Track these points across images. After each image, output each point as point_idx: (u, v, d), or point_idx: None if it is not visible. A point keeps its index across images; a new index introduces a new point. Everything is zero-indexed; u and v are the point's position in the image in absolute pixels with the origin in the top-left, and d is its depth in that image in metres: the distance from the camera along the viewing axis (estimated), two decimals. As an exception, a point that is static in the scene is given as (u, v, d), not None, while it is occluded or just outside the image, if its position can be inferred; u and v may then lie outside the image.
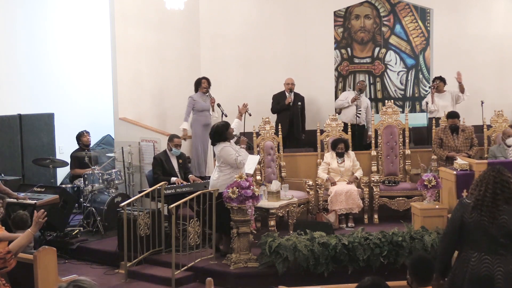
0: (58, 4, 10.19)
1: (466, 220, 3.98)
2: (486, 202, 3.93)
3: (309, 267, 6.06)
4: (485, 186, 3.97)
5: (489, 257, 3.90)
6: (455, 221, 4.05)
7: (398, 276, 5.55)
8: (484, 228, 3.92)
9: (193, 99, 8.72)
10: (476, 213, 3.95)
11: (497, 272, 3.86)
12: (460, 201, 4.16)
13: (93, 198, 7.96)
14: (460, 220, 4.00)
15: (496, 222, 3.90)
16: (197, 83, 8.88)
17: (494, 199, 3.92)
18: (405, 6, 11.14)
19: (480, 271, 3.89)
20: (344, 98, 9.70)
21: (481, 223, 3.92)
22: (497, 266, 3.88)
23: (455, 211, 4.10)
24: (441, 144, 8.13)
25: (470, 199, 4.04)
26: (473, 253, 3.94)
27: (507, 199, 3.94)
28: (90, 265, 7.09)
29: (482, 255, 3.91)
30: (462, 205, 4.06)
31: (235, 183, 6.18)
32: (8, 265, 4.23)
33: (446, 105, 9.11)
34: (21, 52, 9.65)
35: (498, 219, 3.90)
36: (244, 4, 10.20)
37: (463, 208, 4.03)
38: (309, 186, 7.88)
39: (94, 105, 10.27)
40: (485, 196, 3.94)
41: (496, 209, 3.91)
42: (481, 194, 3.96)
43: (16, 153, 8.96)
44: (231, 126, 6.81)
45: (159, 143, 8.45)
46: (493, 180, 3.97)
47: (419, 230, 6.38)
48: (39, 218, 4.40)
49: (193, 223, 6.46)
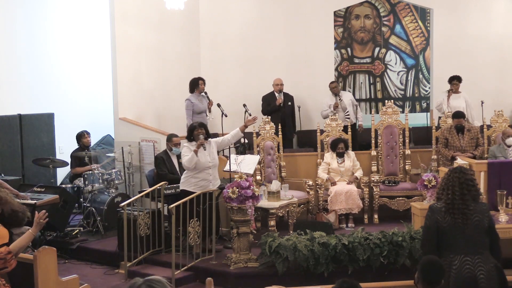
0: (58, 4, 10.19)
1: (441, 224, 4.03)
2: (456, 204, 4.00)
3: (309, 267, 6.06)
4: (451, 188, 4.05)
5: (469, 258, 3.96)
6: (431, 228, 4.09)
7: (398, 276, 5.56)
8: (460, 230, 3.98)
9: (191, 101, 8.65)
10: (449, 216, 4.00)
11: (479, 271, 3.93)
12: (430, 207, 4.19)
13: (93, 198, 7.96)
14: (435, 226, 4.04)
15: (470, 222, 3.96)
16: (193, 83, 8.77)
17: (463, 199, 4.01)
18: (405, 6, 11.14)
19: (463, 273, 3.94)
20: (327, 107, 9.28)
21: (456, 225, 3.98)
22: (478, 266, 3.94)
23: (428, 218, 4.14)
24: (446, 144, 8.10)
25: (440, 203, 4.08)
26: (453, 257, 3.99)
27: (474, 197, 4.03)
28: (90, 265, 7.09)
29: (462, 257, 3.97)
30: (434, 210, 4.10)
31: (235, 183, 6.18)
32: (8, 266, 4.22)
33: (459, 107, 8.88)
34: (21, 52, 9.65)
35: (471, 219, 3.96)
36: (244, 4, 10.20)
37: (435, 214, 4.08)
38: (309, 186, 7.88)
39: (94, 105, 10.27)
40: (454, 199, 4.02)
41: (467, 209, 3.99)
42: (450, 197, 4.04)
43: (16, 153, 8.96)
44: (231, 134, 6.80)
45: (159, 143, 8.46)
46: (458, 181, 4.05)
47: (419, 230, 6.36)
48: (40, 218, 4.39)
49: (193, 223, 6.46)
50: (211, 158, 6.64)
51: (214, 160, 6.68)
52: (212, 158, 6.66)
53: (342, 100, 9.24)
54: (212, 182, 6.65)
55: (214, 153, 6.72)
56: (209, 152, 6.64)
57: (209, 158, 6.62)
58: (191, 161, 6.48)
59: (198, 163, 6.52)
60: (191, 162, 6.48)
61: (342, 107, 9.21)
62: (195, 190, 6.52)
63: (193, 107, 8.64)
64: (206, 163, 6.58)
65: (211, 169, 6.64)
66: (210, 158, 6.62)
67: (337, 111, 9.13)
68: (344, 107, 9.23)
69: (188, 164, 6.52)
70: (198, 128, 6.60)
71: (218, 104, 8.66)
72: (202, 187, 6.56)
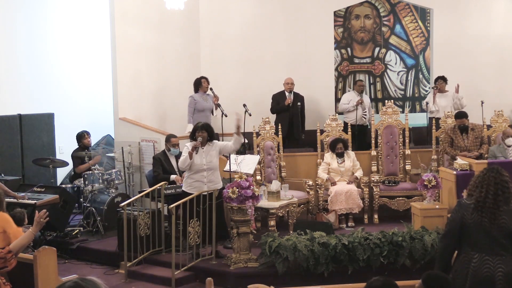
0: (58, 4, 10.19)
1: (467, 221, 3.98)
2: (487, 203, 3.93)
3: (309, 267, 6.06)
4: (486, 187, 3.96)
5: (490, 258, 3.91)
6: (455, 222, 4.05)
7: (398, 276, 5.54)
8: (484, 229, 3.93)
9: (194, 99, 8.71)
10: (476, 214, 3.95)
11: (498, 272, 3.87)
12: (459, 202, 4.15)
13: (93, 198, 7.96)
14: (460, 221, 4.00)
15: (497, 223, 3.91)
16: (197, 83, 8.86)
17: (495, 200, 3.93)
18: (405, 6, 11.14)
19: (481, 272, 3.89)
20: (347, 101, 9.63)
21: (482, 224, 3.93)
22: (498, 267, 3.89)
23: (455, 211, 4.10)
24: (451, 144, 8.09)
25: (470, 200, 4.04)
26: (474, 254, 3.94)
27: (506, 199, 3.95)
28: (90, 265, 7.09)
29: (483, 256, 3.92)
30: (462, 206, 4.06)
31: (235, 183, 6.18)
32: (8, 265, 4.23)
33: (447, 106, 9.11)
34: (21, 52, 9.65)
35: (498, 219, 3.91)
36: (244, 4, 10.20)
37: (463, 209, 4.02)
38: (309, 186, 7.88)
39: (94, 105, 10.27)
40: (486, 198, 3.94)
41: (497, 210, 3.92)
42: (483, 195, 3.96)
43: (16, 153, 8.96)
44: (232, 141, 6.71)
45: (159, 143, 8.46)
46: (493, 181, 3.97)
47: (419, 230, 6.38)
48: (41, 218, 4.40)
49: (193, 223, 6.46)
50: (207, 161, 6.55)
51: (210, 163, 6.56)
52: (209, 161, 6.55)
53: (363, 102, 9.53)
54: (207, 184, 6.55)
55: (213, 156, 6.58)
56: (206, 155, 6.56)
57: (205, 160, 6.53)
58: (183, 162, 6.50)
59: (193, 165, 6.50)
60: (184, 164, 6.50)
61: (362, 106, 9.46)
62: (191, 191, 6.51)
63: (195, 105, 8.66)
64: (201, 165, 6.52)
65: (206, 171, 6.54)
66: (206, 160, 6.54)
67: (357, 108, 9.38)
68: (364, 106, 9.51)
69: (181, 165, 6.58)
70: (199, 130, 6.55)
71: (218, 104, 8.67)
72: (196, 188, 6.53)
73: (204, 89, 8.77)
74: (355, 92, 9.75)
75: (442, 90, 9.27)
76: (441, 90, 9.24)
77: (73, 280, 2.30)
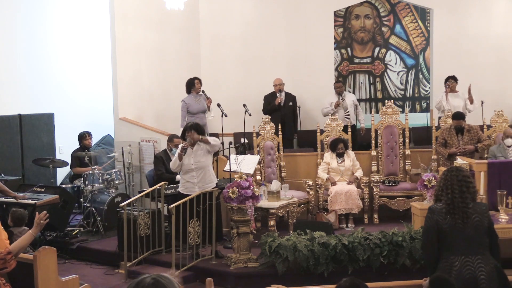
0: (58, 4, 10.19)
1: (442, 226, 4.01)
2: (456, 203, 3.98)
3: (309, 267, 6.06)
4: (450, 187, 4.03)
5: (470, 259, 3.95)
6: (431, 229, 4.07)
7: (398, 276, 5.56)
8: (460, 231, 3.96)
9: (186, 103, 8.60)
10: (450, 217, 3.98)
11: (480, 272, 3.92)
12: (430, 208, 4.16)
13: (93, 198, 7.96)
14: (436, 227, 4.02)
15: (470, 222, 3.95)
16: (189, 84, 8.72)
17: (462, 197, 3.99)
18: (405, 6, 11.14)
19: (463, 275, 3.93)
20: (328, 105, 9.35)
21: (456, 226, 3.97)
22: (479, 266, 3.93)
23: (428, 219, 4.11)
24: (445, 145, 8.10)
25: (440, 204, 4.06)
26: (454, 258, 3.98)
27: (473, 195, 4.03)
28: (90, 265, 7.08)
29: (463, 258, 3.96)
30: (434, 211, 4.08)
31: (235, 183, 6.18)
32: (8, 266, 4.22)
33: (459, 106, 8.99)
34: (21, 52, 9.66)
35: (471, 218, 3.95)
36: (244, 4, 10.20)
37: (436, 215, 4.05)
38: (309, 186, 7.88)
39: (94, 105, 10.27)
40: (454, 197, 4.00)
41: (466, 208, 3.97)
42: (450, 196, 4.01)
43: (16, 153, 8.96)
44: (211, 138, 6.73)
45: (159, 143, 8.46)
46: (456, 179, 4.04)
47: (419, 230, 6.36)
48: (41, 219, 4.39)
49: (193, 223, 6.46)
50: (195, 161, 6.53)
51: (198, 163, 6.53)
52: (196, 161, 6.53)
53: (344, 100, 9.28)
54: (197, 184, 6.54)
55: (200, 156, 6.54)
56: (194, 155, 6.55)
57: (193, 160, 6.52)
58: (174, 164, 6.59)
59: (182, 165, 6.56)
60: (174, 165, 6.59)
61: (343, 107, 9.25)
62: (184, 192, 6.55)
63: (187, 108, 8.60)
64: (189, 165, 6.53)
65: (195, 171, 6.54)
66: (193, 160, 6.52)
67: (337, 109, 9.17)
68: (345, 106, 9.27)
69: (172, 166, 6.66)
70: (188, 131, 6.52)
71: (218, 104, 8.64)
72: (187, 189, 6.56)
73: (196, 90, 8.69)
74: (335, 95, 9.41)
75: (453, 89, 9.17)
76: (452, 89, 9.17)
77: (152, 276, 2.30)
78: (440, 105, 9.12)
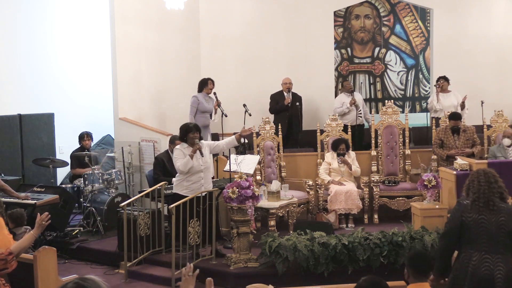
0: (58, 4, 10.19)
1: (466, 219, 4.01)
2: (482, 198, 4.00)
3: (309, 267, 6.06)
4: (477, 185, 4.03)
5: (489, 256, 3.92)
6: (455, 221, 4.08)
7: (398, 276, 5.54)
8: (483, 227, 3.96)
9: (198, 99, 8.61)
10: (474, 212, 3.99)
11: (498, 271, 3.89)
12: (458, 202, 4.21)
13: (93, 198, 7.96)
14: (460, 220, 4.03)
15: (495, 221, 3.94)
16: (202, 83, 8.74)
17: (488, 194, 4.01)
18: (405, 6, 11.14)
19: (480, 271, 3.91)
20: (341, 104, 9.46)
21: (480, 222, 3.96)
22: (497, 265, 3.90)
23: (455, 211, 4.15)
24: (441, 145, 8.13)
25: (467, 199, 4.08)
26: (473, 253, 3.96)
27: (500, 194, 4.01)
28: (90, 265, 7.09)
29: (482, 254, 3.94)
30: (461, 205, 4.10)
31: (235, 183, 6.18)
32: (9, 267, 4.22)
33: (450, 105, 9.05)
34: (21, 52, 9.65)
35: (497, 217, 3.95)
36: (244, 4, 10.20)
37: (462, 208, 4.06)
38: (309, 186, 7.88)
39: (94, 105, 10.27)
40: (480, 192, 4.00)
41: (493, 206, 3.97)
42: (476, 194, 4.01)
43: (16, 153, 8.96)
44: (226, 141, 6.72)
45: (159, 143, 8.45)
46: (484, 178, 4.05)
47: (419, 230, 6.37)
48: (43, 220, 4.39)
49: (193, 223, 6.46)
50: (203, 161, 6.53)
51: (206, 163, 6.55)
52: (204, 161, 6.54)
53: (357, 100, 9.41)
54: (204, 185, 6.54)
55: (207, 156, 6.58)
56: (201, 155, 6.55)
57: (201, 161, 6.50)
58: (186, 165, 6.40)
59: (191, 167, 6.47)
60: (187, 167, 6.40)
61: (356, 105, 9.34)
62: (187, 194, 6.46)
63: (198, 105, 8.60)
64: (198, 166, 6.48)
65: (203, 172, 6.54)
66: (202, 161, 6.51)
67: (352, 108, 9.27)
68: (358, 105, 9.38)
69: (183, 168, 6.41)
70: (194, 131, 6.49)
71: (218, 104, 8.65)
72: (193, 191, 6.48)
73: (208, 90, 8.68)
74: (346, 94, 9.58)
75: (445, 89, 9.24)
76: (443, 89, 9.22)
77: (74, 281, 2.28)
78: (432, 105, 9.19)
